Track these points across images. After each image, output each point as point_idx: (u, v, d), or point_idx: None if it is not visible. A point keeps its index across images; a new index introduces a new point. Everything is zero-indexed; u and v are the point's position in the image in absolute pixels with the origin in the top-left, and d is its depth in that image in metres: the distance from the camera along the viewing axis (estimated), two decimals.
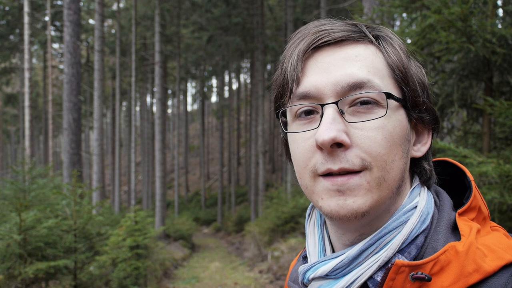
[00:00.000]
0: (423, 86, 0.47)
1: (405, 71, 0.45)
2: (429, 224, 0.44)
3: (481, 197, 0.47)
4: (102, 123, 9.76)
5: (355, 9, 2.72)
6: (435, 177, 0.49)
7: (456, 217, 0.44)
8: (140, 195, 23.22)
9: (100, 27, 9.67)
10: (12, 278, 3.39)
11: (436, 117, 0.49)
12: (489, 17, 2.29)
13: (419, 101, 0.46)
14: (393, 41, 0.47)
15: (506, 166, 1.84)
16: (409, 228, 0.43)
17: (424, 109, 0.46)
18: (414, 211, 0.45)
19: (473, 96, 2.54)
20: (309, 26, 0.48)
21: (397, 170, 0.43)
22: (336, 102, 0.42)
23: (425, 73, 0.49)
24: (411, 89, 0.45)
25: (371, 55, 0.45)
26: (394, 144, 0.43)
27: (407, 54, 0.47)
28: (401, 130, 0.44)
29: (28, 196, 4.04)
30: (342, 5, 8.91)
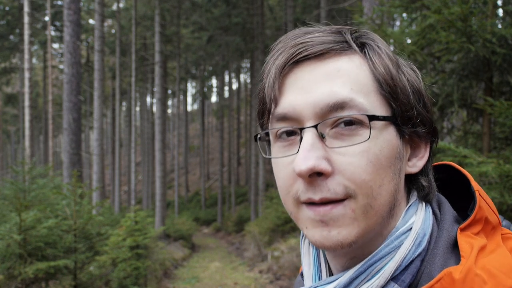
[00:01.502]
0: (418, 94, 0.43)
1: (394, 83, 0.40)
2: (426, 246, 0.40)
3: (489, 204, 0.42)
4: (102, 123, 9.76)
5: (355, 9, 2.72)
6: (435, 190, 0.44)
7: (458, 233, 0.39)
8: (140, 195, 23.22)
9: (100, 27, 9.67)
10: (12, 278, 3.39)
11: (434, 128, 0.44)
12: (489, 17, 2.29)
13: (411, 114, 0.41)
14: (380, 49, 0.41)
15: (506, 166, 1.84)
16: (402, 254, 0.39)
17: (419, 122, 0.41)
18: (409, 233, 0.40)
19: (473, 96, 2.54)
20: (289, 36, 0.44)
21: (386, 195, 0.39)
22: (316, 126, 0.38)
23: (421, 78, 0.45)
24: (402, 102, 0.40)
25: (355, 69, 0.40)
26: (381, 168, 0.38)
27: (397, 62, 0.42)
28: (389, 150, 0.39)
29: (28, 196, 4.04)
30: (342, 5, 8.91)
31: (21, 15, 17.29)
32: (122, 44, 17.20)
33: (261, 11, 14.28)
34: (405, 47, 2.38)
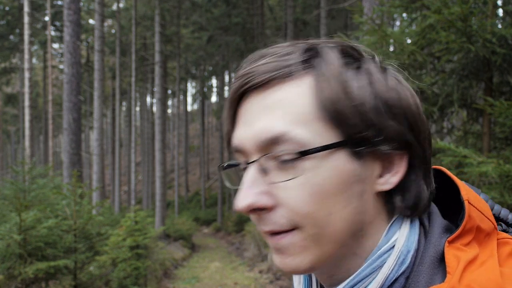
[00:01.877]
0: (387, 105, 0.38)
1: (341, 106, 0.37)
2: (411, 263, 0.38)
3: (482, 211, 0.40)
4: (102, 123, 9.77)
5: (355, 9, 2.72)
6: (425, 202, 0.40)
7: (445, 246, 0.37)
8: (140, 195, 23.23)
9: (100, 27, 9.68)
10: (12, 278, 3.39)
11: (406, 140, 0.38)
12: (489, 17, 2.29)
13: (368, 134, 0.37)
14: (330, 69, 0.38)
15: (506, 166, 1.84)
16: (384, 274, 0.37)
17: (382, 139, 0.37)
18: (391, 252, 0.38)
19: (473, 96, 2.54)
20: (245, 60, 0.42)
21: (339, 221, 0.37)
22: (259, 159, 0.38)
23: (398, 81, 0.40)
24: (353, 125, 0.37)
25: (296, 96, 0.38)
26: (328, 197, 0.37)
27: (347, 81, 0.38)
28: (338, 177, 0.37)
29: (28, 196, 4.04)
30: (342, 5, 8.91)
31: (21, 15, 17.29)
32: (122, 44, 17.21)
33: (261, 11, 14.29)
34: (405, 47, 2.38)
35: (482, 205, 0.40)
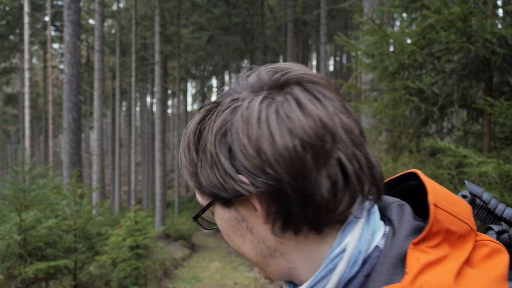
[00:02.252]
0: (218, 164, 0.40)
1: (193, 183, 0.44)
2: (370, 263, 0.39)
3: (455, 213, 0.39)
4: (102, 123, 9.77)
5: (355, 9, 2.72)
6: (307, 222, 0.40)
7: (409, 248, 0.37)
8: (140, 195, 23.23)
9: (100, 27, 9.68)
10: (12, 278, 3.39)
11: (252, 190, 0.39)
12: (489, 17, 2.29)
13: (223, 196, 0.41)
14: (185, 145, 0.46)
15: (506, 166, 1.84)
16: (337, 276, 0.39)
17: (234, 194, 0.40)
18: (343, 255, 0.39)
19: (473, 96, 2.54)
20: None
21: (248, 251, 0.44)
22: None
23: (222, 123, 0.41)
24: (205, 187, 0.42)
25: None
26: (228, 236, 0.46)
27: (190, 149, 0.44)
28: (224, 223, 0.44)
29: (28, 196, 4.04)
30: (342, 5, 8.91)
31: (21, 15, 17.29)
32: (122, 44, 17.21)
33: (261, 11, 14.29)
34: (405, 47, 2.38)
35: (457, 208, 0.40)
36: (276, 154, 0.38)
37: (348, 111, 0.42)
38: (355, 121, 0.42)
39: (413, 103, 2.40)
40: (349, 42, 2.72)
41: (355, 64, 3.12)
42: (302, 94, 0.40)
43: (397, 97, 2.44)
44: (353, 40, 2.94)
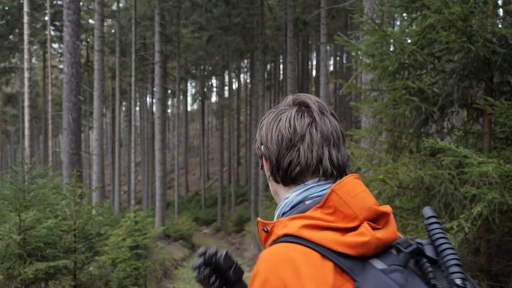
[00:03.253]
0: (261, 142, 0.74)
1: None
2: (290, 208, 0.68)
3: (346, 201, 0.60)
4: (102, 123, 9.76)
5: (355, 9, 2.72)
6: (291, 181, 0.70)
7: (312, 209, 0.62)
8: (140, 195, 23.21)
9: (100, 27, 9.67)
10: (11, 279, 3.38)
11: (262, 154, 0.74)
12: (490, 17, 2.29)
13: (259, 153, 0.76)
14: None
15: (507, 166, 1.84)
16: (281, 207, 0.70)
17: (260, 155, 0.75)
18: (286, 201, 0.69)
19: (473, 96, 2.53)
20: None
21: (271, 188, 0.75)
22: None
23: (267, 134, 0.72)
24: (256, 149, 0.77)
25: None
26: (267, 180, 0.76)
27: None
28: (264, 171, 0.75)
29: (27, 196, 4.03)
30: (342, 5, 8.91)
31: (21, 14, 17.27)
32: (122, 44, 17.19)
33: (261, 11, 14.28)
34: (406, 47, 2.37)
35: (353, 200, 0.61)
36: (271, 139, 0.70)
37: (321, 125, 0.67)
38: (324, 132, 0.67)
39: (413, 103, 2.39)
40: (349, 42, 2.72)
41: (355, 64, 3.12)
42: (296, 112, 0.69)
43: (397, 97, 2.43)
44: (353, 40, 2.93)
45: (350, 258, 0.56)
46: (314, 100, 0.69)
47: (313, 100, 0.69)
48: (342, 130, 0.69)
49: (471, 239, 2.35)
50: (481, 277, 2.39)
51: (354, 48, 2.69)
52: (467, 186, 1.88)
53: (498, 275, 2.41)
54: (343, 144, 0.68)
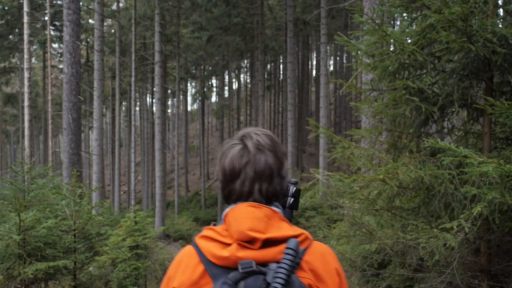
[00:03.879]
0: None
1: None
2: (222, 219, 0.81)
3: (230, 224, 0.76)
4: (101, 123, 9.76)
5: (355, 9, 2.72)
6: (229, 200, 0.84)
7: (221, 224, 0.80)
8: (140, 195, 23.21)
9: (99, 26, 9.67)
10: (11, 279, 3.38)
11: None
12: (490, 17, 2.28)
13: None
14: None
15: (507, 166, 1.84)
16: (218, 220, 0.91)
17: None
18: (223, 214, 0.81)
19: (473, 96, 2.53)
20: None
21: None
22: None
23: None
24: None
25: None
26: None
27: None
28: None
29: (27, 196, 4.03)
30: (342, 5, 8.91)
31: (21, 14, 17.26)
32: (122, 44, 17.19)
33: (261, 10, 14.27)
34: (406, 47, 2.37)
35: (234, 223, 0.76)
36: (220, 170, 0.85)
37: (255, 164, 0.79)
38: (257, 171, 0.80)
39: (414, 103, 2.39)
40: (349, 42, 2.72)
41: (355, 64, 3.12)
42: (237, 151, 0.81)
43: (397, 97, 2.43)
44: (353, 40, 2.93)
45: (218, 266, 0.72)
46: (256, 139, 0.80)
47: (255, 139, 0.80)
48: (278, 165, 0.80)
49: (471, 239, 2.35)
50: (481, 277, 2.38)
51: (354, 48, 2.69)
52: (467, 186, 1.88)
53: (499, 275, 2.40)
54: (276, 177, 0.80)
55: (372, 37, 2.56)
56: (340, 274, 0.77)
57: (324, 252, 0.77)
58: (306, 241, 0.76)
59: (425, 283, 2.50)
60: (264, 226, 0.73)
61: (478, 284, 2.38)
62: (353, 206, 2.96)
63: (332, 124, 22.51)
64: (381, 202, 2.64)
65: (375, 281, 3.25)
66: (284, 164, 0.82)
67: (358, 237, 2.78)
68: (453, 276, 2.31)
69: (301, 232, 0.76)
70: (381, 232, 2.63)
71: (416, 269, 2.68)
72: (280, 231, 0.73)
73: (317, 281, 0.73)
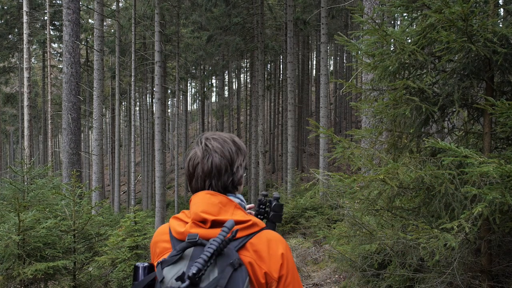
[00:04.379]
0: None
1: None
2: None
3: (190, 207, 0.96)
4: (101, 123, 9.75)
5: (355, 9, 2.71)
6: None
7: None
8: (139, 195, 23.20)
9: (99, 26, 9.66)
10: (10, 279, 3.37)
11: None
12: (490, 17, 2.28)
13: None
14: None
15: (507, 166, 1.83)
16: None
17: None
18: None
19: (474, 95, 2.53)
20: None
21: None
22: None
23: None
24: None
25: None
26: None
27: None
28: None
29: (27, 196, 4.02)
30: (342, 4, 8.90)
31: (20, 14, 17.25)
32: (122, 43, 17.17)
33: (261, 10, 14.26)
34: (406, 47, 2.37)
35: (192, 206, 0.96)
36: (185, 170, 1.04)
37: (203, 165, 0.96)
38: (205, 170, 0.96)
39: (414, 103, 2.39)
40: (350, 42, 2.71)
41: (356, 64, 3.11)
42: (193, 153, 0.98)
43: (397, 97, 2.43)
44: (353, 40, 2.92)
45: (177, 239, 0.91)
46: (204, 143, 0.97)
47: (203, 143, 0.97)
48: (226, 163, 0.95)
49: (471, 239, 2.35)
50: (481, 278, 2.38)
51: (354, 48, 2.69)
52: (468, 186, 1.87)
53: (499, 276, 2.40)
54: (225, 173, 0.95)
55: (372, 37, 2.55)
56: (286, 258, 0.87)
57: (271, 238, 0.88)
58: (254, 227, 0.88)
59: (426, 284, 2.49)
60: (217, 210, 0.89)
61: (479, 285, 2.38)
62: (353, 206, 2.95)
63: (332, 124, 22.51)
64: (381, 202, 2.64)
65: (375, 281, 3.24)
66: (234, 161, 0.96)
67: (358, 237, 2.77)
68: (454, 277, 2.31)
69: (249, 219, 0.88)
70: (381, 232, 2.62)
71: (416, 269, 2.67)
72: (231, 216, 0.88)
73: (259, 261, 0.85)
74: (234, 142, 0.97)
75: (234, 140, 0.98)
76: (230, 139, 0.98)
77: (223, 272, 0.78)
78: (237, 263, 0.80)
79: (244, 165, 0.99)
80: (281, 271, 0.85)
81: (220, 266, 0.79)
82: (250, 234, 0.86)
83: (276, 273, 0.84)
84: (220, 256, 0.80)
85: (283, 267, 0.85)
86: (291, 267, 0.87)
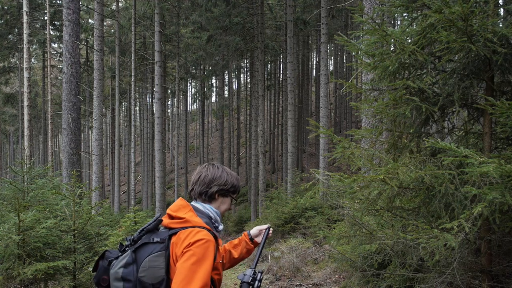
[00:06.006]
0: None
1: None
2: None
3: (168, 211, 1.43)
4: (101, 123, 9.75)
5: (355, 9, 2.71)
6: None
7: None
8: (139, 195, 23.19)
9: (99, 26, 9.66)
10: (10, 279, 3.37)
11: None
12: (490, 16, 2.28)
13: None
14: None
15: (508, 166, 1.83)
16: None
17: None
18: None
19: (474, 95, 2.52)
20: None
21: None
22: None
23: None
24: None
25: None
26: None
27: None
28: None
29: (27, 196, 4.02)
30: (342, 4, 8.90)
31: (20, 14, 17.25)
32: (122, 43, 17.18)
33: (261, 10, 14.26)
34: (406, 47, 2.37)
35: (171, 206, 1.45)
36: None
37: (195, 179, 1.51)
38: (203, 179, 1.49)
39: (414, 103, 2.39)
40: (350, 42, 2.71)
41: (356, 64, 3.11)
42: (196, 173, 1.53)
43: (397, 97, 2.43)
44: (353, 40, 2.92)
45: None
46: (205, 166, 1.51)
47: (206, 166, 1.52)
48: (206, 180, 1.46)
49: (471, 239, 2.35)
50: (481, 278, 2.38)
51: (354, 48, 2.69)
52: (468, 186, 1.87)
53: (499, 276, 2.40)
54: (202, 185, 1.46)
55: (372, 37, 2.55)
56: (189, 247, 1.26)
57: (190, 231, 1.30)
58: (186, 223, 1.33)
59: (426, 284, 2.49)
60: (177, 209, 1.39)
61: (479, 285, 2.38)
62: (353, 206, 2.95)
63: (332, 124, 22.50)
64: (381, 202, 2.64)
65: (375, 281, 3.24)
66: (213, 182, 1.46)
67: (358, 237, 2.77)
68: (454, 277, 2.31)
69: (184, 217, 1.34)
70: (381, 232, 2.62)
71: (416, 269, 2.67)
72: (182, 214, 1.36)
73: (177, 243, 1.30)
74: (222, 175, 1.47)
75: (226, 174, 1.49)
76: (225, 173, 1.48)
77: (153, 240, 1.33)
78: (162, 240, 1.31)
79: (221, 188, 1.45)
80: (182, 254, 1.27)
81: (156, 237, 1.34)
82: (183, 227, 1.31)
83: (180, 254, 1.27)
84: (156, 233, 1.36)
85: (184, 253, 1.26)
86: (191, 254, 1.25)
